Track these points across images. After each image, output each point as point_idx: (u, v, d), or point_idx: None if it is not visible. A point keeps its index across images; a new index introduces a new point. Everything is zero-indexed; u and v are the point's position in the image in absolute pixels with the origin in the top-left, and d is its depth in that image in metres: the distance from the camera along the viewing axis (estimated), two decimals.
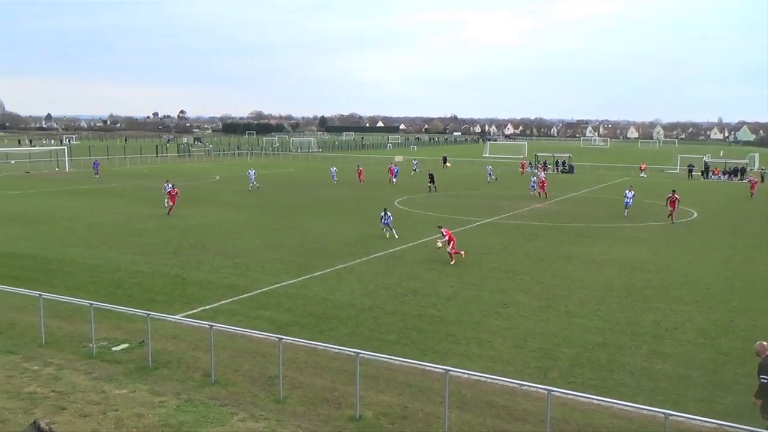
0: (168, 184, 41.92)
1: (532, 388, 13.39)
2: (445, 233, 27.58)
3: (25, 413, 12.53)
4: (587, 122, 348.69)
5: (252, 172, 57.55)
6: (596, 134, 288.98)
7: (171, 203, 40.18)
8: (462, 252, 27.68)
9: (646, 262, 27.97)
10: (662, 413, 10.66)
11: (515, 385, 13.63)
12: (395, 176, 65.11)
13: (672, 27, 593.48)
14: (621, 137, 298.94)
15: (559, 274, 25.49)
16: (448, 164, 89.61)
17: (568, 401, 13.33)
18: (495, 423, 12.74)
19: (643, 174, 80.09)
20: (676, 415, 10.87)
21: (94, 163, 70.66)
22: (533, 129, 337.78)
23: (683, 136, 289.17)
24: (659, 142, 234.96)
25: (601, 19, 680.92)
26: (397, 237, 32.18)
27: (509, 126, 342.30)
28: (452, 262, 26.74)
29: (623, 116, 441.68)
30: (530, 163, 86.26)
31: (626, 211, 42.35)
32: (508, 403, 13.58)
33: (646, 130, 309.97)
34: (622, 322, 19.40)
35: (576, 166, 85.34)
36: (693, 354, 16.86)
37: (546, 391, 11.49)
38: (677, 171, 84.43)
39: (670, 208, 40.09)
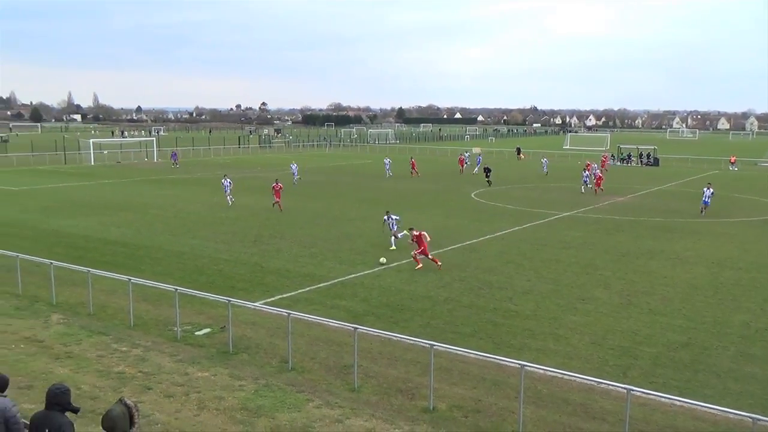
0: (226, 179, 41.10)
1: (610, 387, 13.05)
2: (415, 236, 24.29)
3: (114, 391, 13.18)
4: (674, 113, 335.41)
5: (294, 166, 55.91)
6: (684, 125, 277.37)
7: (276, 198, 38.37)
8: (439, 263, 24.23)
9: (735, 260, 26.72)
10: (750, 417, 10.21)
11: (593, 382, 13.32)
12: (463, 166, 65.20)
13: (765, 12, 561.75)
14: (711, 128, 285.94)
15: (641, 270, 24.69)
16: (522, 156, 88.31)
17: (648, 401, 12.93)
18: (571, 420, 12.50)
19: (733, 167, 76.35)
20: (765, 420, 10.37)
21: (172, 154, 73.08)
22: (616, 120, 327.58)
23: None
24: (753, 134, 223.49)
25: (690, 5, 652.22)
26: (393, 247, 27.58)
27: (591, 117, 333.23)
28: (418, 267, 24.01)
29: (713, 106, 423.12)
30: (612, 156, 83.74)
31: (703, 210, 39.07)
32: (585, 401, 13.29)
33: (738, 121, 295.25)
34: (708, 322, 18.62)
35: (661, 159, 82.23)
36: None
37: (625, 390, 11.18)
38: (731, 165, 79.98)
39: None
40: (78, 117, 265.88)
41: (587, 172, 51.18)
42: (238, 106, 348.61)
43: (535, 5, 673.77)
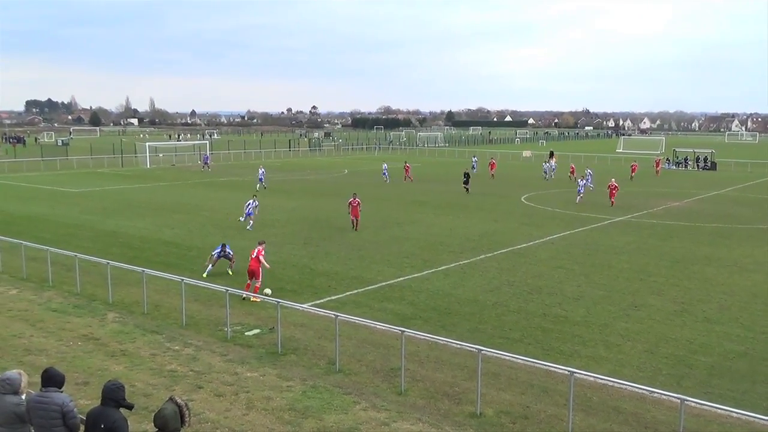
0: (253, 201, 33.87)
1: (664, 396, 12.72)
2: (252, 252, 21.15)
3: (166, 389, 13.48)
4: (733, 115, 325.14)
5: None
6: (743, 128, 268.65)
7: (354, 216, 32.82)
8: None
9: None
10: None
11: (645, 392, 13.01)
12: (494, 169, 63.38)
13: None
14: None
15: (696, 277, 24.01)
16: (554, 159, 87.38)
17: (703, 412, 12.56)
18: (622, 429, 12.24)
19: None
20: None
21: (204, 157, 73.65)
22: (672, 123, 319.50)
23: None
24: None
25: (749, 1, 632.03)
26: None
27: (645, 120, 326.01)
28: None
29: None
30: (668, 159, 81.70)
31: None
32: (637, 410, 12.99)
33: None
34: (767, 332, 18.00)
35: (719, 163, 79.84)
36: None
37: (679, 401, 10.89)
38: None
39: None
40: (135, 121, 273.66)
41: (582, 182, 46.94)
42: (289, 110, 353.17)
43: (588, 5, 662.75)
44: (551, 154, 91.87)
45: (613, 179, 45.04)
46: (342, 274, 23.90)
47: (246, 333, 17.41)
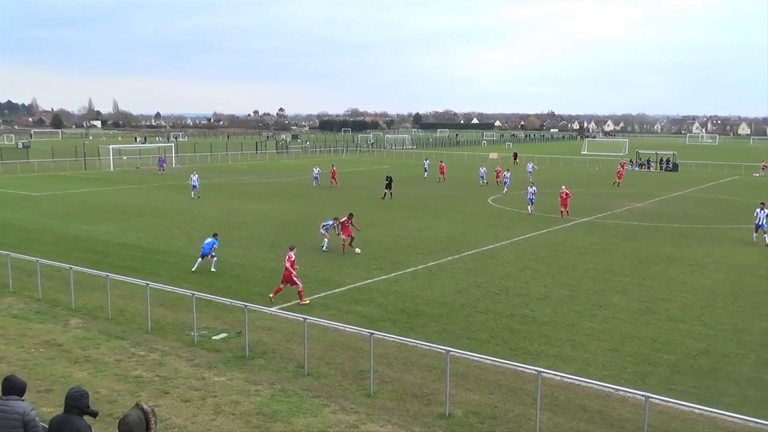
0: (212, 241, 25.15)
1: (628, 394, 12.93)
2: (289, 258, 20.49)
3: (131, 395, 13.27)
4: (694, 118, 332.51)
5: (194, 177, 47.99)
6: (704, 130, 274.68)
7: (344, 235, 28.66)
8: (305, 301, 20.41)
9: (757, 266, 26.39)
10: None
11: (611, 389, 13.20)
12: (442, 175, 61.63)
13: None
14: (731, 134, 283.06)
15: (659, 277, 24.46)
16: (518, 161, 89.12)
17: (667, 409, 12.79)
18: (588, 428, 12.40)
19: (759, 173, 75.39)
20: None
21: (159, 160, 72.81)
22: (635, 125, 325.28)
23: None
24: None
25: (710, 8, 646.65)
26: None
27: (609, 122, 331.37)
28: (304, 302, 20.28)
29: (734, 111, 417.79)
30: (631, 161, 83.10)
31: (756, 235, 31.77)
32: (603, 408, 13.18)
33: (760, 126, 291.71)
34: (728, 329, 18.39)
35: (681, 165, 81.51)
36: None
37: (644, 398, 11.07)
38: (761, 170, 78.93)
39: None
40: (98, 123, 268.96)
41: (532, 189, 41.22)
42: (256, 112, 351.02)
43: (554, 9, 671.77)
44: (515, 156, 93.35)
45: (563, 186, 40.21)
46: (310, 277, 23.79)
47: (213, 337, 17.23)
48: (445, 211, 41.52)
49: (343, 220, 29.04)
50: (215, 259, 24.98)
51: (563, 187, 40.06)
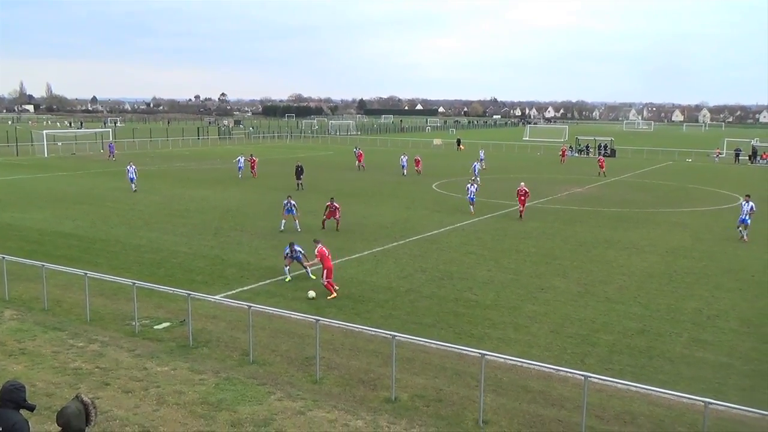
0: (131, 166, 34.58)
1: (569, 374, 13.31)
2: (318, 252, 20.04)
3: (70, 388, 12.93)
4: (631, 105, 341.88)
5: (131, 167, 43.25)
6: (640, 117, 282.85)
7: (331, 217, 30.16)
8: (333, 291, 19.84)
9: (689, 249, 27.42)
10: (702, 401, 10.52)
11: (552, 370, 13.56)
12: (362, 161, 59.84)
13: (718, 5, 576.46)
14: (665, 120, 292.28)
15: (598, 260, 25.16)
16: (462, 147, 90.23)
17: (605, 387, 13.21)
18: (531, 408, 12.70)
19: (717, 158, 78.64)
20: (716, 404, 10.70)
21: (109, 146, 70.72)
22: (575, 112, 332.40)
23: (731, 120, 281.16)
24: (705, 126, 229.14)
25: None
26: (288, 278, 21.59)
27: (550, 109, 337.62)
28: (331, 296, 19.66)
29: (668, 99, 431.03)
30: (571, 147, 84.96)
31: (743, 233, 29.54)
32: (545, 389, 13.52)
33: (692, 113, 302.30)
34: (663, 309, 19.09)
35: (618, 150, 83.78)
36: (735, 342, 16.52)
37: (583, 377, 11.42)
38: (724, 156, 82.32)
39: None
40: (30, 107, 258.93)
41: (472, 188, 36.61)
42: (197, 97, 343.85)
43: None
44: (458, 142, 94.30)
45: (522, 183, 35.43)
46: (254, 264, 23.57)
47: (155, 327, 16.91)
48: (390, 197, 41.66)
49: (328, 204, 30.33)
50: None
51: (522, 184, 35.07)
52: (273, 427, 11.63)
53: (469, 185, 36.57)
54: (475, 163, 52.62)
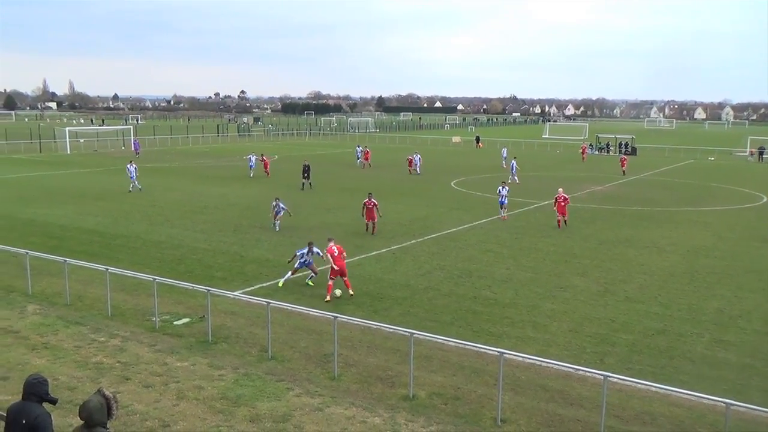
0: (132, 166, 36.29)
1: (588, 374, 13.21)
2: (329, 251, 19.64)
3: (92, 382, 13.08)
4: (652, 103, 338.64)
5: (132, 167, 42.39)
6: (661, 115, 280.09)
7: (370, 219, 28.90)
8: (344, 290, 19.47)
9: (711, 248, 27.10)
10: (724, 402, 10.38)
11: (571, 369, 13.47)
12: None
13: (743, 2, 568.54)
14: (687, 118, 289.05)
15: (618, 259, 24.95)
16: (480, 144, 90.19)
17: (624, 387, 13.11)
18: (549, 407, 12.64)
19: (751, 158, 77.41)
20: (738, 405, 10.58)
21: (135, 143, 69.87)
22: (595, 110, 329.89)
23: (754, 117, 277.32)
24: (728, 123, 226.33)
25: None
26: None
27: (570, 107, 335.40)
28: (326, 300, 19.03)
29: (690, 96, 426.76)
30: (591, 145, 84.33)
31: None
32: (563, 388, 13.44)
33: (715, 111, 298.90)
34: (684, 309, 18.89)
35: (639, 148, 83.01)
36: (758, 343, 16.31)
37: (602, 377, 11.33)
38: (746, 154, 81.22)
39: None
40: (53, 105, 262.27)
41: (505, 190, 33.89)
42: (217, 95, 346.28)
43: None
44: (477, 140, 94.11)
45: (561, 189, 32.05)
46: (273, 261, 23.67)
47: (175, 322, 17.05)
48: (409, 195, 41.62)
49: (365, 201, 28.89)
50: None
51: (560, 190, 31.82)
52: (291, 422, 11.68)
53: (500, 187, 33.81)
54: (513, 161, 51.30)
